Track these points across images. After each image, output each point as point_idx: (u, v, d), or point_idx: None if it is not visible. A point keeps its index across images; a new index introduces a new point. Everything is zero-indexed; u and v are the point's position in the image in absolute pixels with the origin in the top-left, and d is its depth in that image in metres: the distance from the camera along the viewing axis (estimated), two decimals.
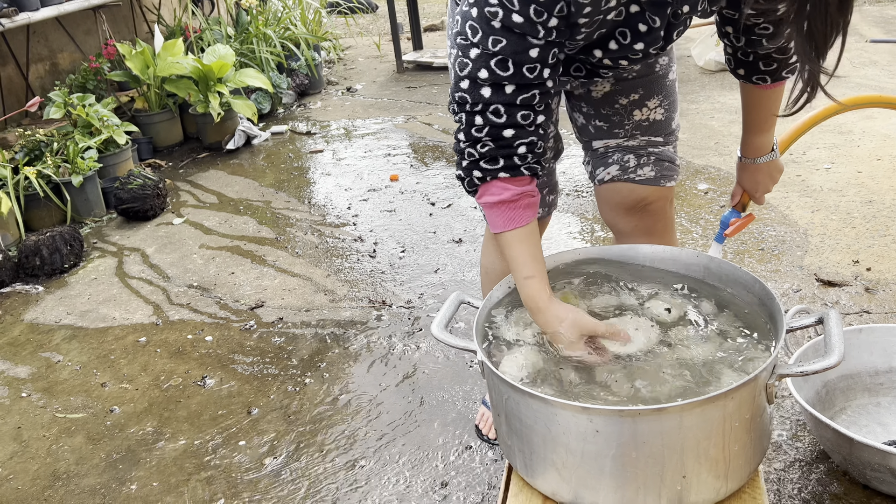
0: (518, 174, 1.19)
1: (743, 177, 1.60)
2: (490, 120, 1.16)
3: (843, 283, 2.28)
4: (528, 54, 1.12)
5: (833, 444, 1.54)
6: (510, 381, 1.12)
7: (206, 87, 3.99)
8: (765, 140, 1.52)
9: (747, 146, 1.55)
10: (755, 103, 1.48)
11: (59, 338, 2.50)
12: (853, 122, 3.54)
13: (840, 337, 1.11)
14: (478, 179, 1.21)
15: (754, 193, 1.60)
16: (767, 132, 1.51)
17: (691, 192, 3.05)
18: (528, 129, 1.17)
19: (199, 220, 3.32)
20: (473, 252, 2.78)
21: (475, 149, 1.18)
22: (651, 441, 1.05)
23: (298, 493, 1.73)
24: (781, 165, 1.58)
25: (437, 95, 4.86)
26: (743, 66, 1.41)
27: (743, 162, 1.58)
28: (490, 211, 1.22)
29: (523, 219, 1.21)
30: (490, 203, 1.22)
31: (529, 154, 1.18)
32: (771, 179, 1.58)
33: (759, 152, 1.54)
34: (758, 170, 1.56)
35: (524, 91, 1.15)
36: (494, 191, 1.20)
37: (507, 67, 1.13)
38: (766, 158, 1.54)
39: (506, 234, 1.22)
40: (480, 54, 1.13)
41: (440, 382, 2.06)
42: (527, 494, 1.22)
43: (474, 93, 1.15)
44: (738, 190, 1.63)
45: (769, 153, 1.54)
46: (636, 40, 1.24)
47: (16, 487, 1.84)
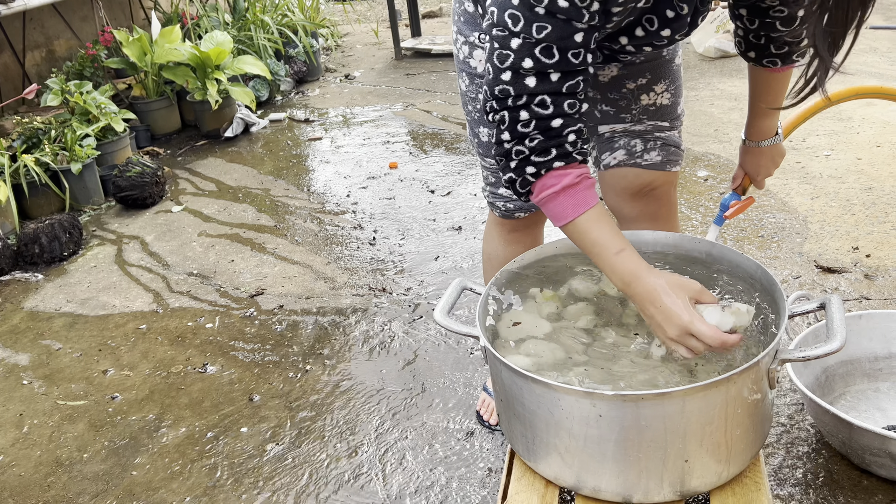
0: (572, 161, 1.15)
1: (746, 160, 1.60)
2: (536, 112, 1.12)
3: (843, 269, 2.28)
4: (573, 39, 1.09)
5: (832, 428, 1.55)
6: (513, 367, 1.12)
7: (204, 74, 3.97)
8: (770, 123, 1.52)
9: (752, 129, 1.54)
10: (763, 86, 1.47)
11: (60, 325, 2.50)
12: (853, 109, 3.54)
13: (842, 322, 1.11)
14: (531, 176, 1.16)
15: (756, 177, 1.60)
16: (773, 116, 1.51)
17: (691, 179, 3.05)
18: (574, 118, 1.14)
19: (198, 207, 3.31)
20: (473, 239, 2.78)
21: (523, 145, 1.14)
22: (654, 426, 1.06)
23: (301, 479, 1.73)
24: (784, 150, 1.58)
25: (435, 83, 4.84)
26: (754, 48, 1.39)
27: (746, 145, 1.57)
28: (553, 203, 1.16)
29: (590, 199, 1.15)
30: (552, 194, 1.15)
31: (578, 141, 1.15)
32: (773, 163, 1.58)
33: (763, 135, 1.54)
34: (761, 153, 1.56)
35: (570, 78, 1.12)
36: (552, 181, 1.15)
37: (553, 54, 1.10)
38: (769, 142, 1.54)
39: (577, 220, 1.15)
40: (523, 44, 1.10)
41: (441, 369, 2.06)
42: (529, 479, 1.23)
43: (518, 84, 1.11)
44: (740, 173, 1.63)
45: (773, 137, 1.54)
46: (663, 27, 1.23)
47: (18, 474, 1.85)
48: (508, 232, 1.71)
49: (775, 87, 1.46)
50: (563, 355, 1.23)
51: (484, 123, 1.57)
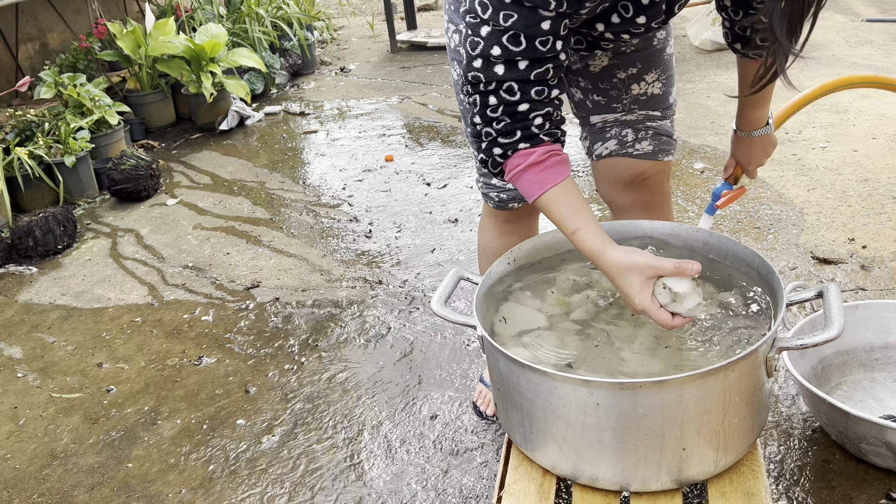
0: (538, 142, 1.17)
1: (737, 150, 1.60)
2: (504, 98, 1.14)
3: (839, 260, 2.28)
4: (539, 27, 1.11)
5: (829, 418, 1.55)
6: (511, 355, 1.12)
7: (199, 66, 3.94)
8: (760, 114, 1.52)
9: (743, 119, 1.54)
10: (751, 77, 1.48)
11: (54, 318, 2.48)
12: (849, 101, 3.54)
13: (840, 310, 1.11)
14: (499, 157, 1.18)
15: (747, 166, 1.61)
16: (763, 106, 1.51)
17: (687, 171, 3.04)
18: (542, 102, 1.16)
19: (193, 200, 3.29)
20: (470, 232, 2.77)
21: (491, 127, 1.17)
22: (651, 413, 1.06)
23: (297, 470, 1.73)
24: (775, 140, 1.58)
25: (431, 76, 4.83)
26: (740, 40, 1.40)
27: (738, 135, 1.58)
28: (521, 180, 1.19)
29: (556, 177, 1.17)
30: (519, 172, 1.18)
31: (547, 123, 1.17)
32: (764, 153, 1.58)
33: (753, 126, 1.54)
34: (752, 143, 1.56)
35: (538, 66, 1.13)
36: (518, 160, 1.18)
37: (520, 42, 1.11)
38: (760, 132, 1.54)
39: (542, 197, 1.17)
40: (492, 31, 1.12)
41: (437, 361, 2.06)
42: (526, 468, 1.23)
43: (487, 71, 1.14)
44: (732, 162, 1.63)
45: (764, 127, 1.54)
46: (638, 13, 1.23)
47: (13, 467, 1.84)
48: (503, 223, 1.70)
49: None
50: (560, 346, 1.23)
51: None
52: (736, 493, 1.13)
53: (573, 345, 1.22)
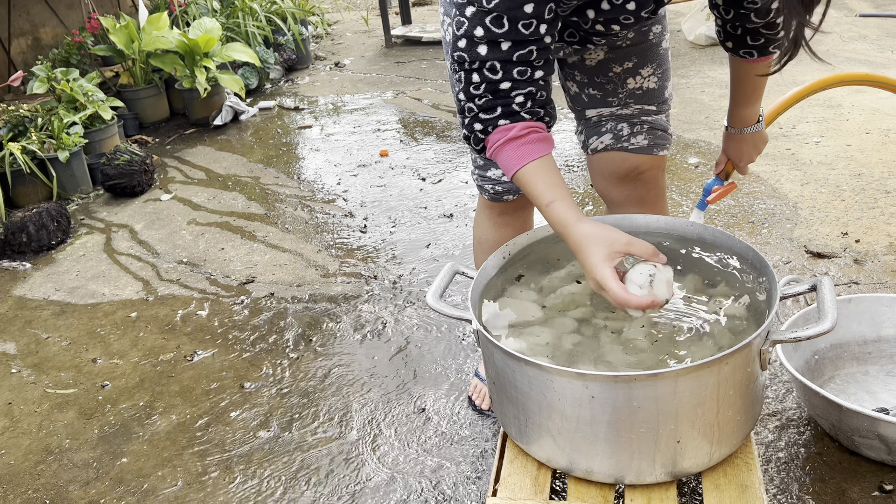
0: (518, 119, 1.17)
1: (728, 146, 1.61)
2: (486, 76, 1.16)
3: (833, 254, 2.29)
4: (522, 10, 1.11)
5: (822, 411, 1.56)
6: (506, 349, 1.12)
7: (193, 61, 3.93)
8: (751, 112, 1.53)
9: (734, 117, 1.55)
10: (743, 76, 1.49)
11: (48, 314, 2.48)
12: (842, 96, 3.55)
13: (833, 303, 1.12)
14: (480, 132, 1.20)
15: (738, 163, 1.61)
16: (754, 104, 1.52)
17: (682, 165, 3.05)
18: (524, 82, 1.16)
19: (188, 196, 3.28)
20: (465, 227, 2.77)
21: (474, 103, 1.18)
22: (646, 406, 1.06)
23: (292, 465, 1.73)
24: (766, 136, 1.59)
25: (426, 70, 4.82)
26: (731, 39, 1.41)
27: (729, 132, 1.58)
28: (500, 155, 1.19)
29: (535, 152, 1.17)
30: (498, 146, 1.19)
31: (529, 101, 1.17)
32: (755, 150, 1.59)
33: (745, 123, 1.55)
34: (743, 140, 1.57)
35: (520, 48, 1.14)
36: (498, 136, 1.18)
37: (503, 24, 1.12)
38: (751, 129, 1.55)
39: (520, 171, 1.17)
40: (476, 12, 1.13)
41: (433, 356, 2.06)
42: (522, 461, 1.23)
43: (471, 51, 1.15)
44: (723, 159, 1.63)
45: (755, 124, 1.55)
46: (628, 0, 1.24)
47: (8, 462, 1.83)
48: (498, 215, 1.70)
49: (753, 77, 1.48)
50: (555, 340, 1.23)
51: None
52: (730, 485, 1.14)
53: (568, 338, 1.22)
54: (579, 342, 1.22)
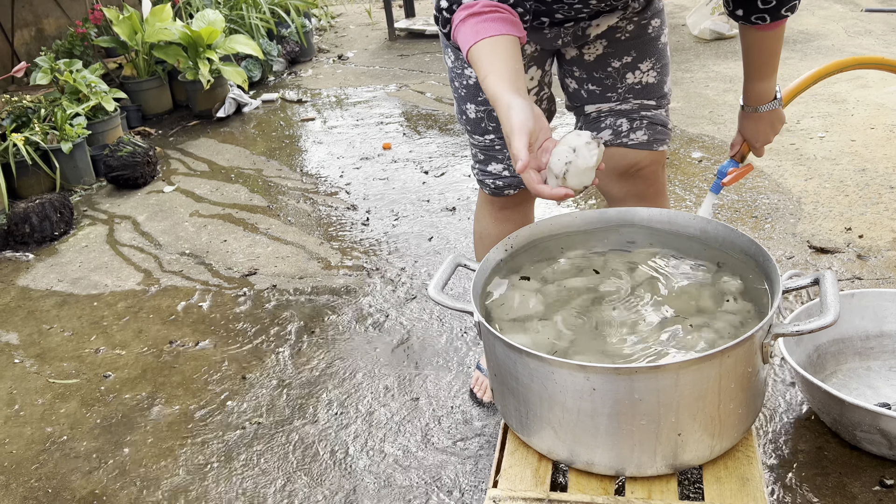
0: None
1: (744, 126, 1.58)
2: None
3: (836, 249, 2.29)
4: None
5: (824, 405, 1.56)
6: (507, 340, 1.12)
7: (196, 53, 3.92)
8: (766, 87, 1.50)
9: (749, 94, 1.52)
10: (756, 47, 1.45)
11: (51, 304, 2.48)
12: (847, 91, 3.53)
13: (836, 297, 1.11)
14: (446, 11, 1.19)
15: (754, 143, 1.59)
16: (769, 78, 1.49)
17: (685, 160, 3.04)
18: None
19: (191, 188, 3.29)
20: (467, 220, 2.77)
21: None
22: (647, 399, 1.06)
23: (293, 457, 1.73)
24: (783, 116, 1.56)
25: (429, 63, 4.81)
26: (742, 5, 1.35)
27: (745, 111, 1.56)
28: (460, 32, 1.17)
29: (493, 30, 1.15)
30: (459, 22, 1.17)
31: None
32: (772, 129, 1.56)
33: (760, 100, 1.52)
34: (759, 119, 1.55)
35: None
36: (461, 13, 1.17)
37: None
38: (768, 107, 1.52)
39: (474, 47, 1.15)
40: None
41: (434, 348, 2.06)
42: (522, 453, 1.23)
43: None
44: (739, 139, 1.61)
45: (771, 101, 1.52)
46: None
47: (10, 452, 1.84)
48: (499, 210, 1.70)
49: (767, 47, 1.43)
50: (556, 332, 1.23)
51: (470, 100, 1.55)
52: (731, 477, 1.14)
53: (570, 331, 1.22)
54: (581, 334, 1.22)
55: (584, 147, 1.11)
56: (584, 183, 1.12)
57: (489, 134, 1.58)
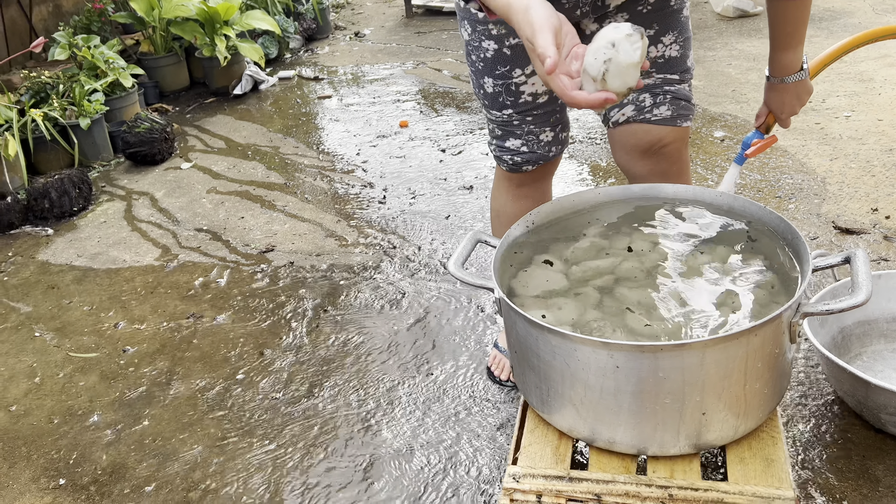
0: None
1: (770, 97, 1.55)
2: None
3: (862, 230, 2.24)
4: None
5: (849, 387, 1.53)
6: (529, 317, 1.10)
7: (213, 29, 3.90)
8: (793, 57, 1.47)
9: (775, 64, 1.49)
10: (782, 15, 1.42)
11: (70, 279, 2.50)
12: (874, 70, 3.45)
13: (867, 275, 1.09)
14: None
15: (780, 115, 1.56)
16: (795, 48, 1.45)
17: (707, 139, 2.99)
18: None
19: (208, 164, 3.28)
20: (485, 199, 2.75)
21: None
22: (672, 377, 1.04)
23: (311, 431, 1.74)
24: (811, 87, 1.53)
25: (447, 41, 4.76)
26: None
27: (771, 82, 1.52)
28: None
29: None
30: None
31: None
32: (798, 101, 1.53)
33: (787, 71, 1.48)
34: (786, 90, 1.51)
35: None
36: None
37: None
38: (794, 78, 1.49)
39: None
40: None
41: (451, 327, 2.05)
42: (542, 431, 1.22)
43: None
44: (764, 110, 1.58)
45: (798, 72, 1.48)
46: None
47: (31, 423, 1.86)
48: (516, 187, 1.68)
49: (793, 15, 1.40)
50: (579, 310, 1.21)
51: (488, 73, 1.53)
52: (755, 458, 1.12)
53: (593, 308, 1.21)
54: (604, 311, 1.20)
55: (624, 40, 0.94)
56: (629, 84, 0.95)
57: (507, 109, 1.55)
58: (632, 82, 0.96)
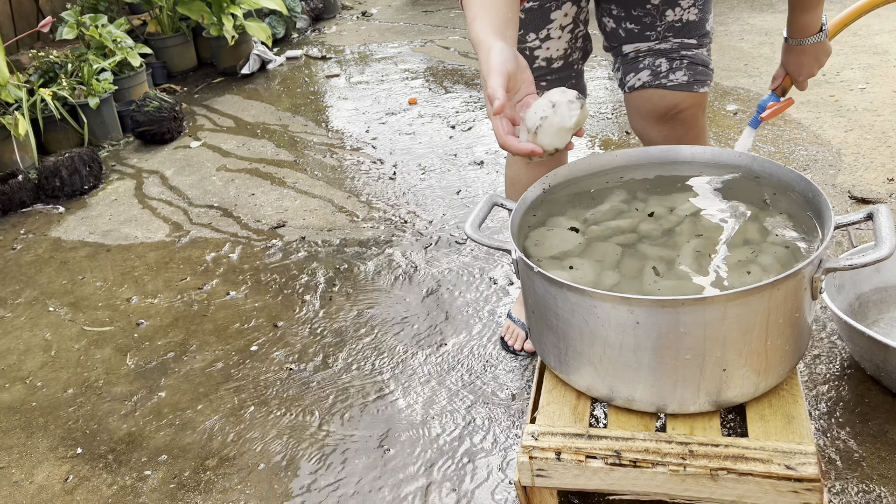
0: None
1: (788, 59, 1.53)
2: None
3: (878, 200, 2.22)
4: None
5: (867, 352, 1.52)
6: (548, 274, 1.09)
7: (220, 9, 3.88)
8: (812, 18, 1.45)
9: (794, 25, 1.47)
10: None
11: (83, 255, 2.50)
12: (889, 42, 3.41)
13: (890, 230, 1.07)
14: None
15: (797, 77, 1.54)
16: (815, 9, 1.43)
17: (720, 112, 2.96)
18: None
19: (217, 143, 3.28)
20: (496, 174, 2.73)
21: None
22: (693, 333, 1.03)
23: (326, 401, 1.74)
24: (829, 48, 1.51)
25: (454, 19, 4.73)
26: None
27: (789, 43, 1.51)
28: None
29: None
30: None
31: None
32: (817, 62, 1.51)
33: (805, 32, 1.46)
34: (804, 51, 1.49)
35: None
36: None
37: None
38: (813, 39, 1.47)
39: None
40: None
41: (465, 299, 2.05)
42: (560, 391, 1.22)
43: None
44: (781, 72, 1.56)
45: (817, 34, 1.46)
46: None
47: (48, 395, 1.87)
48: None
49: None
50: (597, 268, 1.20)
51: None
52: (776, 415, 1.12)
53: (612, 267, 1.20)
54: (622, 271, 1.19)
55: (565, 104, 1.02)
56: (556, 145, 1.03)
57: None
58: (560, 144, 1.04)
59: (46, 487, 1.59)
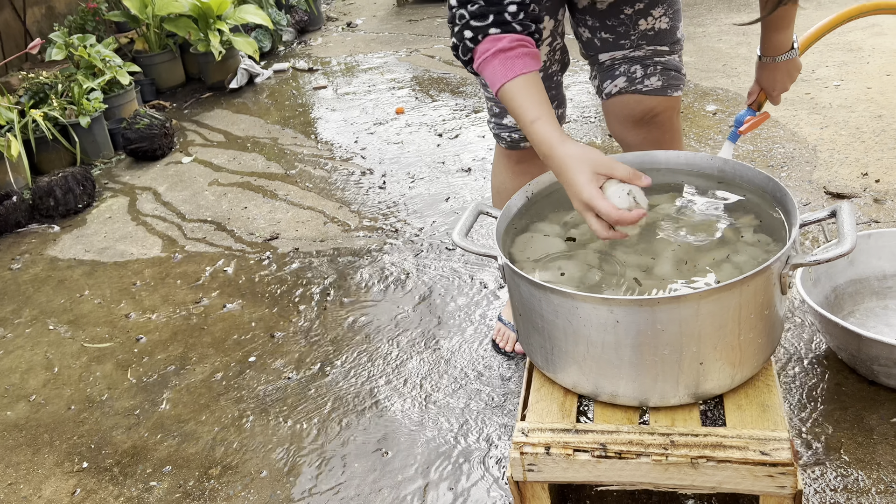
0: (509, 30, 1.19)
1: (761, 75, 1.60)
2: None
3: (853, 194, 2.30)
4: None
5: (842, 342, 1.59)
6: (531, 279, 1.15)
7: (206, 24, 3.94)
8: (784, 37, 1.51)
9: (767, 44, 1.54)
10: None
11: (80, 273, 2.55)
12: (862, 39, 3.49)
13: (852, 226, 1.14)
14: (469, 41, 1.20)
15: (772, 92, 1.60)
16: (786, 29, 1.50)
17: (699, 113, 3.04)
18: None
19: (208, 158, 3.33)
20: (483, 180, 2.79)
21: (466, 9, 1.19)
22: (669, 329, 1.09)
23: (324, 408, 1.79)
24: (800, 64, 1.57)
25: (438, 28, 4.79)
26: None
27: (762, 61, 1.57)
28: (488, 67, 1.20)
29: (523, 67, 1.18)
30: (487, 57, 1.19)
31: (521, 13, 1.18)
32: (789, 78, 1.58)
33: (778, 50, 1.53)
34: (776, 68, 1.56)
35: None
36: (487, 45, 1.19)
37: None
38: (785, 57, 1.54)
39: (506, 85, 1.18)
40: None
41: (456, 304, 2.10)
42: (548, 389, 1.28)
43: None
44: (756, 88, 1.63)
45: (788, 51, 1.53)
46: None
47: (51, 412, 1.91)
48: (516, 163, 1.73)
49: None
50: (580, 270, 1.26)
51: None
52: (751, 405, 1.18)
53: (593, 271, 1.26)
54: (602, 273, 1.25)
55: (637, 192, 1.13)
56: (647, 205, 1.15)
57: None
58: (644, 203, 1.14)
59: (55, 501, 1.64)
